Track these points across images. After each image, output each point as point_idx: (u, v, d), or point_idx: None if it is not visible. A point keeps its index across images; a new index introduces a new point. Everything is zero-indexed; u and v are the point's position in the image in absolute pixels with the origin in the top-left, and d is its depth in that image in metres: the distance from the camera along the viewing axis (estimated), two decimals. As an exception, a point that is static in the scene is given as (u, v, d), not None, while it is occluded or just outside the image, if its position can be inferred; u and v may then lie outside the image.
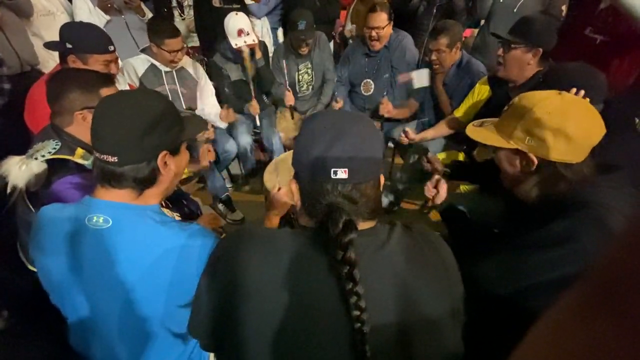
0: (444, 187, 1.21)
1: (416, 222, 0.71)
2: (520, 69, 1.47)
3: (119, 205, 0.74)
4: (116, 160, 0.70)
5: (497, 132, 0.86)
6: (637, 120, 2.21)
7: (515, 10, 2.15)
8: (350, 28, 2.90)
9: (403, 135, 1.95)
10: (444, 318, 0.58)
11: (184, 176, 1.63)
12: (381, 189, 0.63)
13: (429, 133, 1.97)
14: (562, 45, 2.05)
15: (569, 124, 0.74)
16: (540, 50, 1.44)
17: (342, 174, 0.56)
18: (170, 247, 0.72)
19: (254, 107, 2.23)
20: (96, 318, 0.77)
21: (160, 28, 1.86)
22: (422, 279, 0.58)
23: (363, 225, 0.60)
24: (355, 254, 0.53)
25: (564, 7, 2.05)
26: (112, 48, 1.48)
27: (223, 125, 2.17)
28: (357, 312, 0.52)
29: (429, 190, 1.23)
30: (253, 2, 2.75)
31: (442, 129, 1.96)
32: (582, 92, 1.08)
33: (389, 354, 0.55)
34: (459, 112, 1.89)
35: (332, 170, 0.56)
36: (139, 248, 0.72)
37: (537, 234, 0.76)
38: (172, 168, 0.78)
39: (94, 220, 0.72)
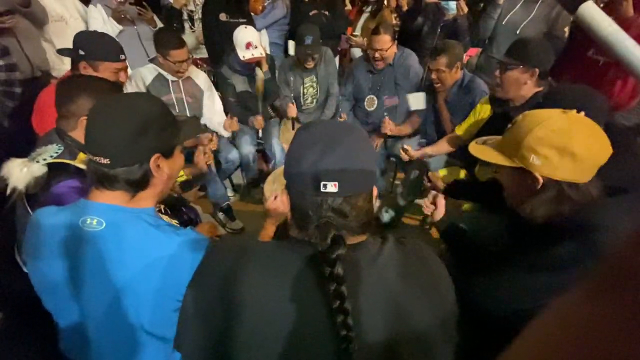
0: (441, 202, 1.20)
1: (417, 237, 0.69)
2: (518, 89, 1.50)
3: (113, 207, 0.73)
4: (108, 162, 0.70)
5: (500, 150, 0.85)
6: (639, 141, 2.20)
7: (517, 32, 2.17)
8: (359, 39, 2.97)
9: (402, 152, 1.95)
10: (435, 335, 0.57)
11: (182, 179, 1.63)
12: (374, 201, 0.62)
13: (430, 150, 1.98)
14: (565, 67, 2.08)
15: (574, 143, 0.72)
16: (537, 70, 1.46)
17: (332, 187, 0.54)
18: (163, 252, 0.72)
19: (259, 121, 2.28)
20: (87, 323, 0.76)
21: (166, 39, 1.91)
22: (412, 294, 0.57)
23: (353, 239, 0.59)
24: (344, 270, 0.51)
25: (566, 29, 2.07)
26: (123, 57, 1.53)
27: (227, 134, 2.21)
28: (344, 331, 0.50)
29: (426, 206, 1.23)
30: (253, 15, 2.82)
31: (443, 147, 1.97)
32: (582, 113, 1.08)
33: None
34: (460, 130, 1.90)
35: (322, 183, 0.54)
36: (131, 251, 0.71)
37: (542, 257, 0.74)
38: (166, 171, 0.78)
39: (88, 223, 0.72)
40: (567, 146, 0.73)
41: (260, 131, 2.35)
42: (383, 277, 0.56)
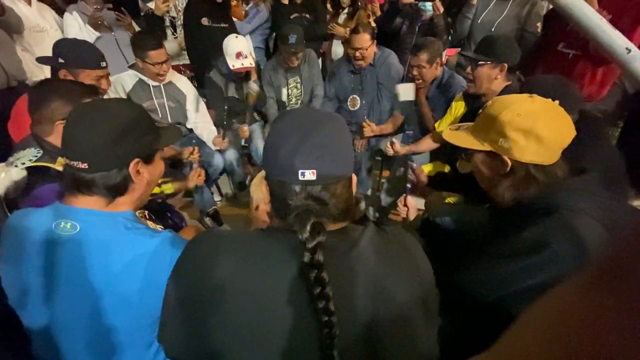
0: (411, 203, 1.29)
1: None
2: (489, 84, 1.60)
3: (88, 211, 0.72)
4: (86, 167, 0.69)
5: (472, 135, 0.87)
6: (612, 130, 2.29)
7: (493, 29, 2.25)
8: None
9: (389, 145, 1.98)
10: (416, 316, 0.57)
11: (169, 191, 1.62)
12: (353, 188, 0.62)
13: (415, 147, 2.03)
14: (538, 60, 2.16)
15: (539, 126, 0.75)
16: (506, 65, 1.56)
17: (309, 175, 0.55)
18: (140, 254, 0.70)
19: (243, 132, 2.30)
20: (62, 328, 0.73)
21: (143, 41, 1.89)
22: (393, 276, 0.57)
23: (333, 226, 0.59)
24: (325, 256, 0.51)
25: (538, 24, 2.15)
26: (104, 64, 1.52)
27: (215, 148, 2.20)
28: (325, 317, 0.50)
29: (400, 208, 1.32)
30: (237, 20, 2.83)
31: (427, 144, 2.02)
32: (557, 102, 1.14)
33: (358, 354, 0.54)
34: (439, 127, 1.96)
35: (300, 171, 0.55)
36: (107, 254, 0.70)
37: (510, 242, 0.76)
38: (146, 176, 0.78)
39: (62, 226, 0.70)
40: (532, 129, 0.75)
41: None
42: (363, 262, 0.56)
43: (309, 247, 0.51)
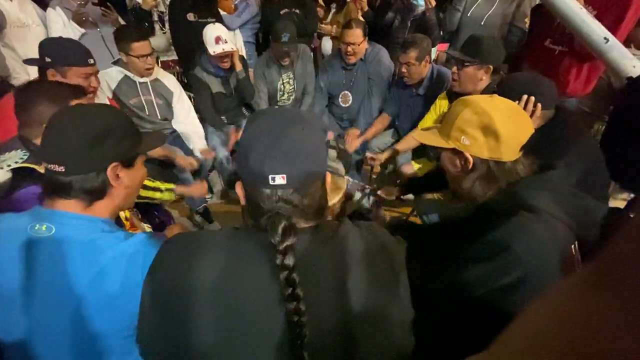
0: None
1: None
2: (474, 84, 1.62)
3: (64, 213, 0.71)
4: (63, 170, 0.69)
5: (439, 134, 0.90)
6: (596, 126, 2.32)
7: (482, 23, 2.25)
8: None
9: (370, 158, 2.02)
10: (390, 311, 0.58)
11: (170, 198, 1.60)
12: (327, 186, 0.62)
13: (399, 146, 2.04)
14: (524, 56, 2.17)
15: (496, 123, 0.78)
16: (491, 67, 1.58)
17: (280, 180, 0.55)
18: (117, 255, 0.70)
19: (236, 136, 2.31)
20: (41, 336, 0.71)
21: (125, 34, 1.86)
22: (365, 272, 0.58)
23: (306, 224, 0.59)
24: (295, 257, 0.52)
25: (526, 20, 2.16)
26: (92, 61, 1.49)
27: (200, 156, 2.16)
28: (296, 317, 0.51)
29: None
30: (226, 13, 2.79)
31: (411, 141, 2.02)
32: (533, 98, 1.15)
33: (331, 352, 0.55)
34: (423, 124, 1.97)
35: (270, 176, 0.55)
36: (84, 256, 0.69)
37: (475, 246, 0.77)
38: (125, 181, 0.77)
39: (36, 228, 0.69)
40: (489, 125, 0.78)
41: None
42: (335, 258, 0.57)
43: (279, 249, 0.52)
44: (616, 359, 0.18)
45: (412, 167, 2.03)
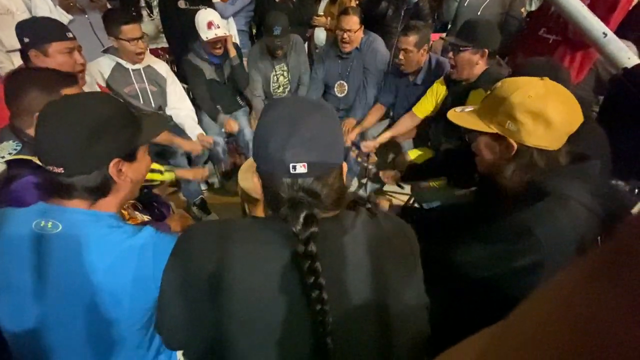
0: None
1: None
2: (471, 68, 1.63)
3: (70, 210, 0.69)
4: (62, 172, 0.66)
5: (478, 117, 0.84)
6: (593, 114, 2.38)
7: (479, 12, 2.26)
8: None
9: (363, 150, 2.04)
10: (410, 299, 0.59)
11: (172, 180, 1.57)
12: (344, 176, 0.62)
13: (391, 132, 2.04)
14: (520, 45, 2.19)
15: (549, 109, 0.73)
16: (487, 51, 1.58)
17: (301, 168, 0.54)
18: (127, 248, 0.68)
19: (231, 126, 2.27)
20: (55, 325, 0.71)
21: (115, 17, 1.79)
22: (386, 262, 0.58)
23: (326, 214, 0.59)
24: (317, 246, 0.52)
25: (523, 9, 2.18)
26: (70, 35, 1.43)
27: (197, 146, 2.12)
28: (318, 305, 0.51)
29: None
30: (219, 1, 2.72)
31: (402, 126, 2.04)
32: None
33: (353, 339, 0.55)
34: (416, 109, 1.98)
35: (291, 165, 0.54)
36: (93, 252, 0.67)
37: (497, 227, 0.76)
38: (129, 175, 0.74)
39: (42, 225, 0.67)
40: (542, 111, 0.73)
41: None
42: (356, 247, 0.57)
43: (301, 238, 0.52)
44: (617, 348, 0.18)
45: (407, 156, 2.05)
